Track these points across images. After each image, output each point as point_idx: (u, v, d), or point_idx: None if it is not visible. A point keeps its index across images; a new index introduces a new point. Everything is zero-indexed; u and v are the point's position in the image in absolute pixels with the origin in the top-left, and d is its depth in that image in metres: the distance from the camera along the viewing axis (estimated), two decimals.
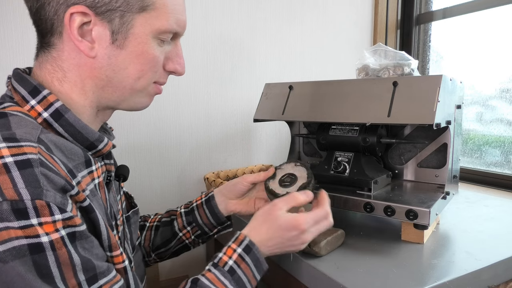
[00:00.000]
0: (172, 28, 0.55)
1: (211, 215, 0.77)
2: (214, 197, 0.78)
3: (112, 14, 0.51)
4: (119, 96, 0.56)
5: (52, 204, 0.41)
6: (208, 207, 0.78)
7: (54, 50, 0.53)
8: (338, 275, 0.64)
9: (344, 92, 0.83)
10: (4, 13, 0.96)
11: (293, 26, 1.40)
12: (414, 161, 0.93)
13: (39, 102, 0.50)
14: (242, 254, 0.59)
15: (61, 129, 0.50)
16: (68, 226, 0.43)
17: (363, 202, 0.78)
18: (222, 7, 1.25)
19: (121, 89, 0.55)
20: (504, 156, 1.31)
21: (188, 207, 0.80)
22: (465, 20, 1.42)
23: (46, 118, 0.50)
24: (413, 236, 0.77)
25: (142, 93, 0.58)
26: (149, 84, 0.57)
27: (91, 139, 0.53)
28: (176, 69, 0.60)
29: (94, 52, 0.52)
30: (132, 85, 0.55)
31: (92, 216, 0.48)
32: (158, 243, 0.79)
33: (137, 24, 0.52)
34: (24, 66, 0.57)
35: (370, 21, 1.57)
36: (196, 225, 0.78)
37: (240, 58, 1.31)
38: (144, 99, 0.59)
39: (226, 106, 1.30)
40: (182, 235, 0.79)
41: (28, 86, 0.51)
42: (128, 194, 0.74)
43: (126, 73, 0.54)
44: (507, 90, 1.30)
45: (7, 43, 0.97)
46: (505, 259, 0.70)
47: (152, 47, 0.54)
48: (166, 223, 0.80)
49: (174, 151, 1.23)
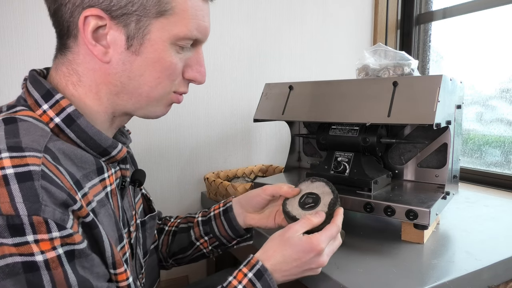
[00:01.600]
0: (192, 35, 0.53)
1: (229, 228, 0.74)
2: (232, 208, 0.74)
3: (128, 19, 0.49)
4: (135, 104, 0.54)
5: (50, 220, 0.40)
6: (226, 218, 0.74)
7: (70, 53, 0.52)
8: (338, 275, 0.64)
9: (344, 92, 0.83)
10: (4, 13, 0.96)
11: (293, 26, 1.40)
12: (414, 161, 0.93)
13: (51, 106, 0.49)
14: (253, 279, 0.56)
15: (73, 135, 0.49)
16: (66, 244, 0.41)
17: (363, 202, 0.78)
18: (222, 7, 1.25)
19: (136, 97, 0.53)
20: (504, 156, 1.31)
21: (205, 216, 0.77)
22: (465, 20, 1.42)
23: (58, 123, 0.48)
24: (413, 236, 0.77)
25: (159, 102, 0.56)
26: (167, 93, 0.55)
27: (104, 145, 0.52)
28: (196, 77, 0.57)
29: (108, 57, 0.50)
30: (149, 93, 0.53)
31: (95, 232, 0.46)
32: (175, 250, 0.77)
33: (154, 29, 0.50)
34: (24, 66, 0.57)
35: (370, 21, 1.57)
36: (214, 236, 0.75)
37: (240, 58, 1.31)
38: (160, 108, 0.57)
39: (226, 106, 1.30)
40: (200, 244, 0.76)
41: (42, 90, 0.50)
42: (147, 197, 0.72)
43: (142, 80, 0.52)
44: (507, 90, 1.30)
45: (7, 43, 0.97)
46: (505, 259, 0.70)
47: (169, 54, 0.52)
48: (183, 230, 0.77)
49: (174, 151, 1.23)
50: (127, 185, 0.59)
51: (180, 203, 1.25)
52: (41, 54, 0.99)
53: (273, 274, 0.57)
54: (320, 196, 0.65)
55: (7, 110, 0.49)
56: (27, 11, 0.98)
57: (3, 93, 0.96)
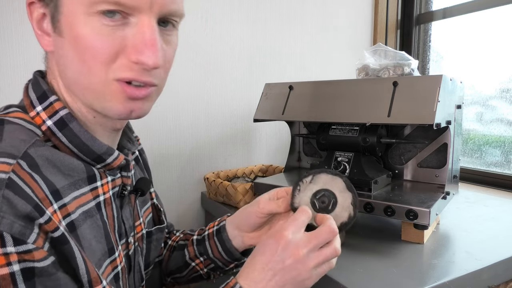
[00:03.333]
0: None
1: (223, 250, 0.65)
2: (225, 229, 0.66)
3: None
4: (85, 98, 0.47)
5: (5, 233, 0.35)
6: (219, 239, 0.66)
7: None
8: (338, 275, 0.64)
9: (344, 92, 0.83)
10: (4, 13, 0.96)
11: (293, 26, 1.40)
12: (414, 161, 0.93)
13: (44, 108, 0.46)
14: None
15: (65, 139, 0.46)
16: (24, 260, 0.36)
17: (363, 202, 0.78)
18: (222, 7, 1.25)
19: (80, 89, 0.46)
20: (504, 156, 1.31)
21: (201, 234, 0.70)
22: (465, 20, 1.42)
23: (49, 126, 0.46)
24: (413, 236, 0.77)
25: (106, 96, 0.45)
26: (106, 82, 0.44)
27: (98, 152, 0.48)
28: (139, 59, 0.43)
29: (51, 45, 0.46)
30: (83, 82, 0.45)
31: (65, 248, 0.41)
32: (172, 268, 0.71)
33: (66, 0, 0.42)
34: (25, 67, 0.56)
35: (370, 21, 1.57)
36: (208, 258, 0.67)
37: (240, 58, 1.31)
38: (113, 104, 0.46)
39: (226, 106, 1.30)
40: (195, 265, 0.69)
41: (39, 91, 0.48)
42: (158, 207, 0.68)
43: (74, 66, 0.44)
44: (507, 90, 1.30)
45: (7, 43, 0.97)
46: (505, 259, 0.70)
47: (90, 28, 0.41)
48: (180, 247, 0.71)
49: (174, 151, 1.23)
50: (126, 194, 0.55)
51: (180, 203, 1.25)
52: (42, 54, 0.99)
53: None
54: (336, 194, 0.55)
55: (3, 110, 0.48)
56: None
57: (3, 94, 0.96)
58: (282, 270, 0.49)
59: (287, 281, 0.49)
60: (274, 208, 0.59)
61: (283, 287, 0.49)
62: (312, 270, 0.50)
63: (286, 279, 0.49)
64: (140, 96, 0.46)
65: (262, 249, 0.50)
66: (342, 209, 0.54)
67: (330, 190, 0.55)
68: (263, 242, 0.51)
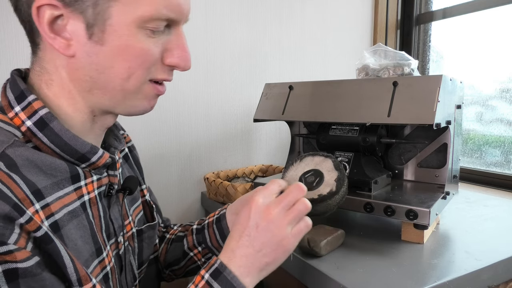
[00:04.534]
0: (161, 14, 0.46)
1: (220, 238, 0.66)
2: (224, 216, 0.67)
3: (83, 4, 0.43)
4: (111, 99, 0.49)
5: None
6: (218, 227, 0.67)
7: (39, 50, 0.48)
8: (338, 275, 0.64)
9: (344, 92, 0.83)
10: (4, 13, 0.96)
11: (293, 26, 1.40)
12: (414, 161, 0.93)
13: (23, 109, 0.45)
14: (209, 280, 0.49)
15: (46, 139, 0.45)
16: (5, 261, 0.36)
17: (363, 202, 0.78)
18: (222, 7, 1.25)
19: (110, 91, 0.48)
20: (504, 156, 1.31)
21: (200, 224, 0.71)
22: (465, 20, 1.42)
23: (29, 127, 0.45)
24: (413, 236, 0.77)
25: (138, 95, 0.50)
26: (142, 83, 0.49)
27: (82, 151, 0.47)
28: (178, 63, 0.50)
29: (72, 50, 0.45)
30: (123, 86, 0.48)
31: (50, 247, 0.40)
32: (170, 260, 0.71)
33: (115, 13, 0.44)
34: (24, 66, 0.56)
35: (370, 21, 1.57)
36: (206, 247, 0.68)
37: (240, 58, 1.31)
38: (141, 102, 0.51)
39: (226, 106, 1.30)
40: (193, 255, 0.69)
41: (16, 91, 0.46)
42: (151, 204, 0.67)
43: (112, 72, 0.46)
44: (507, 90, 1.30)
45: (7, 43, 0.97)
46: (505, 259, 0.70)
47: (138, 40, 0.46)
48: (179, 238, 0.72)
49: (174, 151, 1.23)
50: (113, 193, 0.54)
51: (180, 203, 1.25)
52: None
53: (229, 265, 0.49)
54: (323, 173, 0.59)
55: None
56: None
57: None
58: (257, 234, 0.50)
59: (264, 244, 0.50)
60: None
61: (260, 251, 0.50)
62: (287, 228, 0.51)
63: (263, 242, 0.50)
64: (164, 92, 0.53)
65: (237, 219, 0.53)
66: (326, 185, 0.58)
67: (319, 170, 0.59)
68: (239, 214, 0.53)
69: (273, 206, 0.51)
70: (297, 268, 0.73)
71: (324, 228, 0.76)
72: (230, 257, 0.50)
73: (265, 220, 0.50)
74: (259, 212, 0.51)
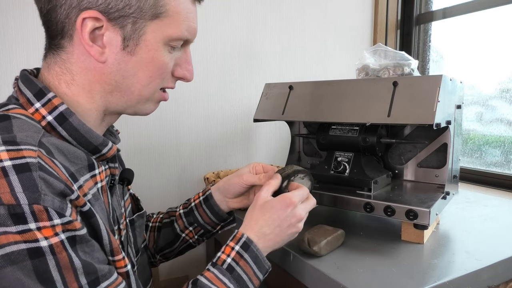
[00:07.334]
0: (183, 36, 0.56)
1: (212, 214, 0.77)
2: (212, 196, 0.77)
3: (125, 20, 0.51)
4: (126, 102, 0.56)
5: (50, 208, 0.41)
6: (208, 206, 0.77)
7: (64, 53, 0.52)
8: (338, 275, 0.64)
9: (344, 92, 0.83)
10: (4, 13, 0.96)
11: (293, 26, 1.40)
12: (414, 161, 0.93)
13: (43, 105, 0.50)
14: (240, 251, 0.60)
15: (65, 132, 0.50)
16: (67, 230, 0.42)
17: (363, 202, 0.78)
18: (222, 7, 1.25)
19: (128, 95, 0.56)
20: (504, 156, 1.31)
21: (187, 207, 0.80)
22: (465, 20, 1.42)
23: (50, 121, 0.50)
24: (413, 236, 0.77)
25: (149, 100, 0.58)
26: (155, 91, 0.58)
27: (95, 143, 0.53)
28: (185, 75, 0.60)
29: (104, 57, 0.52)
30: (140, 91, 0.56)
31: (92, 221, 0.47)
32: (162, 245, 0.79)
33: (149, 31, 0.53)
34: (24, 66, 0.57)
35: (370, 21, 1.57)
36: (198, 225, 0.78)
37: (240, 58, 1.31)
38: (149, 105, 0.60)
39: (226, 106, 1.30)
40: (185, 235, 0.78)
41: (34, 88, 0.51)
42: (135, 196, 0.73)
43: (135, 79, 0.54)
44: (507, 90, 1.30)
45: (7, 43, 0.97)
46: (505, 259, 0.70)
47: (162, 54, 0.55)
48: (167, 224, 0.80)
49: (174, 151, 1.23)
50: (116, 183, 0.60)
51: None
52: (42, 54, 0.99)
53: (258, 243, 0.61)
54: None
55: (2, 108, 0.50)
56: (27, 11, 0.98)
57: (3, 93, 0.96)
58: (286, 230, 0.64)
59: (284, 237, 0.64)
60: (256, 181, 0.73)
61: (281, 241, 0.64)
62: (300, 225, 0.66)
63: (287, 233, 0.64)
64: (168, 98, 0.62)
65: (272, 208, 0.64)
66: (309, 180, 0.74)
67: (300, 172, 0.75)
68: (271, 205, 0.64)
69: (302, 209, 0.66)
70: (297, 268, 0.73)
71: (324, 228, 0.76)
72: (260, 237, 0.62)
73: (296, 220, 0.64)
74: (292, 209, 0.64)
